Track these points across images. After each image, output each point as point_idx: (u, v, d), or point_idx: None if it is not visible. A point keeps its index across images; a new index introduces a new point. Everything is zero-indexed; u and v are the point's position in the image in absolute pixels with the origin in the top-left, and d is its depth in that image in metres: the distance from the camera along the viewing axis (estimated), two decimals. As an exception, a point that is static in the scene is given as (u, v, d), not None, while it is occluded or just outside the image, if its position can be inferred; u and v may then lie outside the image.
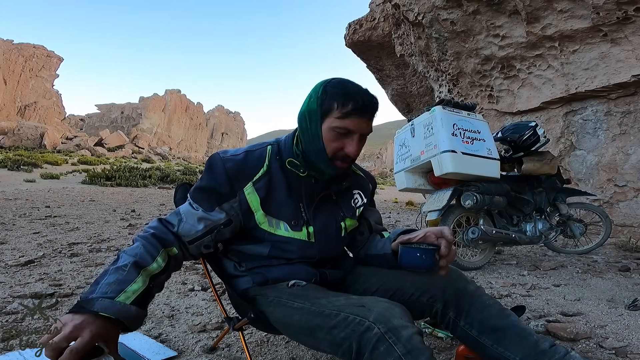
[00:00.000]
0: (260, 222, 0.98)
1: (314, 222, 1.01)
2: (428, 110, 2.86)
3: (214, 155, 0.99)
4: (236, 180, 0.96)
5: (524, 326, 0.93)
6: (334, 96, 0.91)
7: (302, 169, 0.99)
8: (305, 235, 1.00)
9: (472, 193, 2.73)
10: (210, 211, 0.96)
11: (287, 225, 0.99)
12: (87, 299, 0.76)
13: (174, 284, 2.37)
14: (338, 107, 0.90)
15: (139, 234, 0.94)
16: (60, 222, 4.91)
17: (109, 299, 0.77)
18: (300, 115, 0.97)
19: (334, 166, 0.96)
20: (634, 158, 4.37)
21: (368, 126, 0.94)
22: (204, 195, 0.97)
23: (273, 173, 0.99)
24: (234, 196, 0.97)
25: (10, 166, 15.53)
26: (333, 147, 0.93)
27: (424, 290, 1.00)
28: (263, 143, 1.05)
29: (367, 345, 0.73)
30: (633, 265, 3.01)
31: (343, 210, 1.08)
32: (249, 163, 0.98)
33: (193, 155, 40.17)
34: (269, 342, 1.52)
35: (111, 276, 0.81)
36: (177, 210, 0.99)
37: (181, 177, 16.81)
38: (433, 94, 7.72)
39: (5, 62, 38.61)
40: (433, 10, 5.37)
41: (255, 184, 0.97)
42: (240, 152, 1.00)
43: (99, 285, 0.79)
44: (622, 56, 4.14)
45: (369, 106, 0.92)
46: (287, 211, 0.99)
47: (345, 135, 0.92)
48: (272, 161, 1.00)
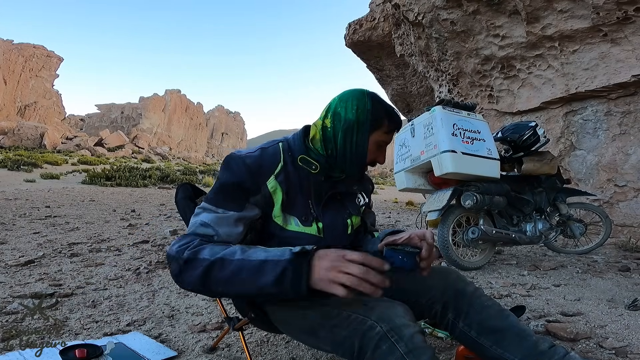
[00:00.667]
0: (276, 216, 0.97)
1: (323, 218, 1.02)
2: (428, 110, 2.86)
3: (231, 155, 0.98)
4: (258, 175, 0.94)
5: (523, 327, 0.93)
6: (386, 113, 0.98)
7: (314, 166, 1.00)
8: (315, 231, 0.99)
9: (472, 193, 2.73)
10: (242, 210, 0.92)
11: (298, 221, 0.99)
12: (296, 255, 0.75)
13: (174, 284, 2.37)
14: (388, 123, 0.98)
15: (188, 253, 0.82)
16: (60, 222, 4.91)
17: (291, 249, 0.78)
18: (347, 124, 0.96)
19: (364, 171, 1.06)
20: (634, 158, 4.37)
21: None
22: (229, 196, 0.92)
23: (288, 169, 0.99)
24: (258, 191, 0.94)
25: (10, 166, 15.54)
26: (372, 158, 1.01)
27: (423, 292, 1.00)
28: (273, 141, 1.05)
29: (369, 344, 0.73)
30: (633, 265, 3.01)
31: (349, 209, 1.09)
32: (266, 159, 0.97)
33: (193, 155, 40.18)
34: (269, 342, 1.52)
35: (255, 253, 0.79)
36: (199, 221, 0.89)
37: (181, 177, 16.81)
38: (433, 94, 7.72)
39: (5, 62, 38.61)
40: (433, 10, 5.37)
41: (277, 177, 0.96)
42: (255, 150, 1.00)
43: (271, 252, 0.78)
44: (622, 56, 4.14)
45: (401, 123, 1.04)
46: (298, 207, 0.99)
47: (382, 147, 1.02)
48: (285, 157, 1.00)
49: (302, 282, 0.72)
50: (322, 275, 0.71)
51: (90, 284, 2.33)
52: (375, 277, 0.70)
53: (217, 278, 0.78)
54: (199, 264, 0.79)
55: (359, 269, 0.69)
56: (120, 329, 1.64)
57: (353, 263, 0.70)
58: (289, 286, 0.72)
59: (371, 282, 0.69)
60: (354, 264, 0.70)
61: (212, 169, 25.40)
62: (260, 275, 0.75)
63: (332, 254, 0.72)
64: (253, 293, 0.77)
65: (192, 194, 1.26)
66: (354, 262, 0.70)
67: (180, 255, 0.81)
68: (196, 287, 0.82)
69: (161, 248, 3.49)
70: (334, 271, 0.70)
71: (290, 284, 0.72)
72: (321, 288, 0.71)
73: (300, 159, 1.00)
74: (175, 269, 0.82)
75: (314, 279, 0.72)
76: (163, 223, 5.21)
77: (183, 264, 0.80)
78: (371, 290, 0.69)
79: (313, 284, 0.72)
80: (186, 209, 1.20)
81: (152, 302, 2.02)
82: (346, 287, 0.69)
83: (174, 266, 0.83)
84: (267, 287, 0.74)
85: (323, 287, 0.71)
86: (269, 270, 0.74)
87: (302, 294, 0.72)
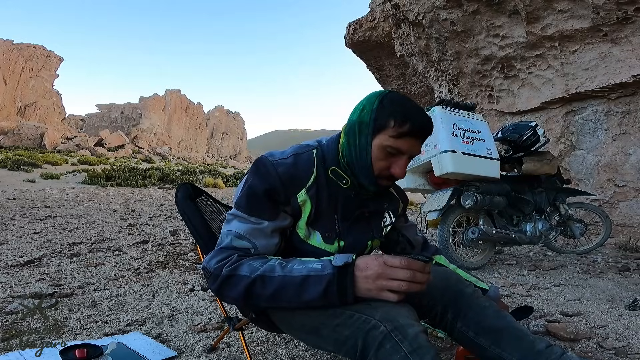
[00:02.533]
0: (299, 228, 0.93)
1: (346, 236, 0.98)
2: (428, 110, 2.86)
3: (262, 160, 0.91)
4: (290, 186, 0.89)
5: (520, 327, 0.94)
6: (391, 112, 0.85)
7: (344, 180, 0.94)
8: (336, 249, 0.95)
9: (472, 193, 2.73)
10: (276, 219, 0.89)
11: (321, 237, 0.94)
12: (340, 268, 0.76)
13: (174, 284, 2.37)
14: (394, 125, 0.84)
15: (227, 270, 0.81)
16: (60, 222, 4.91)
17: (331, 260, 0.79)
18: (350, 126, 0.91)
19: (378, 184, 0.93)
20: (634, 158, 4.37)
21: (419, 148, 0.89)
22: (262, 205, 0.88)
23: (319, 181, 0.93)
24: (288, 203, 0.90)
25: (10, 166, 15.53)
26: (380, 166, 0.89)
27: (424, 293, 1.00)
28: (307, 146, 0.99)
29: (373, 344, 0.73)
30: (633, 265, 3.01)
31: (373, 230, 1.05)
32: (300, 168, 0.91)
33: (193, 155, 40.19)
34: (269, 342, 1.52)
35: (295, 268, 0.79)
36: (234, 232, 0.87)
37: (181, 177, 16.81)
38: (433, 94, 7.72)
39: (5, 62, 38.59)
40: (433, 10, 5.37)
41: (309, 191, 0.91)
42: (288, 156, 0.93)
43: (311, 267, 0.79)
44: (622, 56, 4.14)
45: (427, 129, 0.87)
46: (323, 222, 0.95)
47: (395, 155, 0.88)
48: (318, 167, 0.94)
49: (347, 295, 0.75)
50: (370, 286, 0.74)
51: (90, 284, 2.33)
52: (422, 277, 0.74)
53: (261, 295, 0.79)
54: (239, 282, 0.80)
55: (405, 273, 0.72)
56: (120, 329, 1.64)
57: (398, 269, 0.73)
58: (336, 300, 0.75)
59: (418, 282, 0.73)
60: (400, 270, 0.73)
61: (212, 169, 25.40)
62: (303, 291, 0.77)
63: (373, 262, 0.74)
64: (299, 307, 0.81)
65: (192, 194, 1.26)
66: (397, 267, 0.73)
67: (218, 272, 0.81)
68: (238, 303, 0.87)
69: (161, 248, 3.49)
70: (380, 280, 0.73)
71: (337, 297, 0.75)
72: (370, 297, 0.75)
73: (332, 171, 0.94)
74: (214, 286, 0.83)
75: (361, 291, 0.75)
76: (163, 223, 5.21)
77: (223, 281, 0.81)
78: (419, 289, 0.74)
79: (360, 295, 0.75)
80: (186, 209, 1.20)
81: (152, 302, 2.02)
82: (395, 292, 0.73)
83: (212, 282, 0.83)
84: (312, 301, 0.77)
85: (372, 296, 0.74)
86: (312, 285, 0.76)
87: (350, 303, 0.76)
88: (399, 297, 0.73)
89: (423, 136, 0.88)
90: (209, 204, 1.35)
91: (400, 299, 0.73)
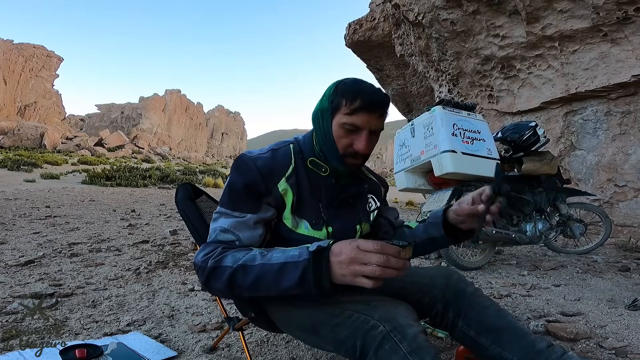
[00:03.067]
0: (286, 218, 0.96)
1: (333, 222, 1.00)
2: (428, 110, 2.86)
3: (241, 157, 0.96)
4: (270, 178, 0.93)
5: (521, 326, 0.94)
6: (343, 93, 0.91)
7: (323, 169, 0.99)
8: (325, 235, 0.98)
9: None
10: (258, 211, 0.92)
11: (308, 224, 0.97)
12: (314, 254, 0.75)
13: (174, 284, 2.37)
14: (346, 103, 0.90)
15: (212, 262, 0.83)
16: (60, 222, 4.91)
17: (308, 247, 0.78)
18: (314, 114, 0.98)
19: (346, 163, 0.96)
20: (634, 158, 4.37)
21: (377, 123, 0.93)
22: (244, 199, 0.92)
23: (299, 171, 0.98)
24: (269, 194, 0.93)
25: (10, 166, 15.53)
26: (343, 144, 0.93)
27: (425, 292, 1.01)
28: (284, 142, 1.03)
29: (372, 344, 0.73)
30: (633, 265, 3.01)
31: (359, 214, 1.07)
32: (278, 160, 0.96)
33: (193, 155, 40.20)
34: (269, 342, 1.52)
35: (274, 256, 0.79)
36: (219, 227, 0.91)
37: (181, 177, 16.81)
38: (433, 94, 7.72)
39: (5, 62, 38.60)
40: (433, 10, 5.37)
41: (288, 179, 0.95)
42: (266, 151, 0.98)
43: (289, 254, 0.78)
44: (622, 56, 4.14)
45: (377, 102, 0.91)
46: (308, 210, 0.97)
47: (354, 131, 0.92)
48: (296, 159, 0.99)
49: (323, 281, 0.72)
50: (344, 271, 0.71)
51: (90, 284, 2.33)
52: (397, 262, 0.70)
53: (242, 284, 0.79)
54: (223, 272, 0.81)
55: (378, 257, 0.69)
56: (120, 329, 1.64)
57: (371, 253, 0.70)
58: (313, 286, 0.73)
59: (393, 267, 0.69)
60: (372, 254, 0.69)
61: (212, 169, 25.38)
62: (282, 278, 0.76)
63: (347, 247, 0.72)
64: (279, 295, 0.79)
65: (192, 194, 1.26)
66: (370, 252, 0.70)
67: (205, 264, 0.83)
68: (224, 294, 0.85)
69: (161, 248, 3.49)
70: (354, 265, 0.70)
71: (313, 284, 0.73)
72: (345, 283, 0.72)
73: (310, 162, 0.99)
74: (202, 278, 0.84)
75: (336, 276, 0.72)
76: (163, 223, 5.21)
77: (209, 273, 0.82)
78: (395, 274, 0.70)
79: (335, 281, 0.72)
80: (186, 209, 1.20)
81: (152, 302, 2.02)
82: (370, 278, 0.69)
83: (200, 275, 0.85)
84: (291, 289, 0.75)
85: (347, 282, 0.71)
86: (289, 272, 0.75)
87: (327, 291, 0.73)
88: (375, 283, 0.69)
89: (374, 109, 0.91)
90: (209, 204, 1.35)
91: (376, 285, 0.69)
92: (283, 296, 0.79)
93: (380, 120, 0.93)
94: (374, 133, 0.94)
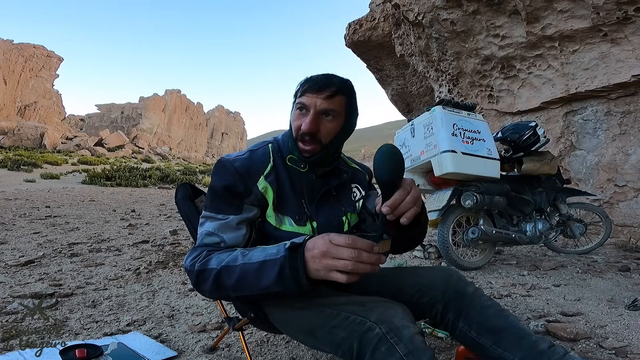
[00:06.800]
0: (269, 216, 0.97)
1: (317, 217, 1.01)
2: (428, 110, 2.86)
3: (220, 160, 0.99)
4: (248, 178, 0.95)
5: (522, 327, 0.94)
6: (302, 82, 0.97)
7: (302, 165, 1.00)
8: (310, 230, 0.99)
9: (472, 193, 2.73)
10: (241, 212, 0.93)
11: (292, 221, 0.98)
12: (289, 250, 0.75)
13: (174, 284, 2.37)
14: (299, 87, 0.96)
15: (199, 265, 0.85)
16: (60, 222, 4.91)
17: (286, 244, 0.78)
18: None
19: (300, 149, 0.97)
20: (634, 158, 4.37)
21: (323, 103, 0.92)
22: (225, 201, 0.94)
23: (278, 169, 1.00)
24: (250, 193, 0.95)
25: (10, 166, 15.54)
26: (295, 126, 0.96)
27: (424, 292, 1.00)
28: (263, 142, 1.06)
29: (369, 346, 0.73)
30: (633, 265, 3.01)
31: (344, 206, 1.07)
32: (256, 160, 0.98)
33: (193, 155, 40.20)
34: (269, 342, 1.52)
35: (254, 255, 0.80)
36: (205, 231, 0.92)
37: (181, 177, 16.81)
38: (433, 94, 7.72)
39: (5, 62, 38.59)
40: (433, 10, 5.37)
41: (267, 177, 0.97)
42: (244, 152, 1.01)
43: (268, 252, 0.78)
44: (622, 56, 4.14)
45: (324, 82, 0.93)
46: (291, 207, 0.99)
47: (304, 114, 0.94)
48: (275, 158, 1.01)
49: (300, 277, 0.72)
50: (317, 266, 0.70)
51: (90, 284, 2.33)
52: (369, 257, 0.68)
53: (227, 285, 0.81)
54: (210, 275, 0.82)
55: (349, 252, 0.68)
56: (120, 329, 1.64)
57: (342, 247, 0.68)
58: (291, 283, 0.73)
59: (366, 263, 0.68)
60: (343, 248, 0.68)
61: (212, 169, 25.44)
62: (261, 277, 0.76)
63: (320, 241, 0.71)
64: (262, 294, 0.79)
65: (191, 194, 1.26)
66: (341, 246, 0.68)
67: (193, 268, 0.85)
68: (213, 295, 0.87)
69: (161, 248, 3.49)
70: (326, 259, 0.69)
71: (291, 280, 0.73)
72: (320, 278, 0.71)
73: (289, 159, 1.01)
74: (193, 282, 0.86)
75: (311, 272, 0.72)
76: (163, 223, 5.21)
77: (197, 276, 0.84)
78: (369, 270, 0.69)
79: (311, 276, 0.72)
80: (186, 209, 1.20)
81: (152, 302, 2.02)
82: (344, 272, 0.68)
83: (191, 279, 0.87)
84: (271, 287, 0.76)
85: (322, 276, 0.71)
86: (268, 270, 0.75)
87: (305, 287, 0.72)
88: (349, 278, 0.68)
89: (321, 90, 0.92)
90: (209, 204, 1.34)
91: (350, 281, 0.68)
92: (267, 296, 0.79)
93: (328, 103, 0.93)
94: (325, 114, 0.93)
